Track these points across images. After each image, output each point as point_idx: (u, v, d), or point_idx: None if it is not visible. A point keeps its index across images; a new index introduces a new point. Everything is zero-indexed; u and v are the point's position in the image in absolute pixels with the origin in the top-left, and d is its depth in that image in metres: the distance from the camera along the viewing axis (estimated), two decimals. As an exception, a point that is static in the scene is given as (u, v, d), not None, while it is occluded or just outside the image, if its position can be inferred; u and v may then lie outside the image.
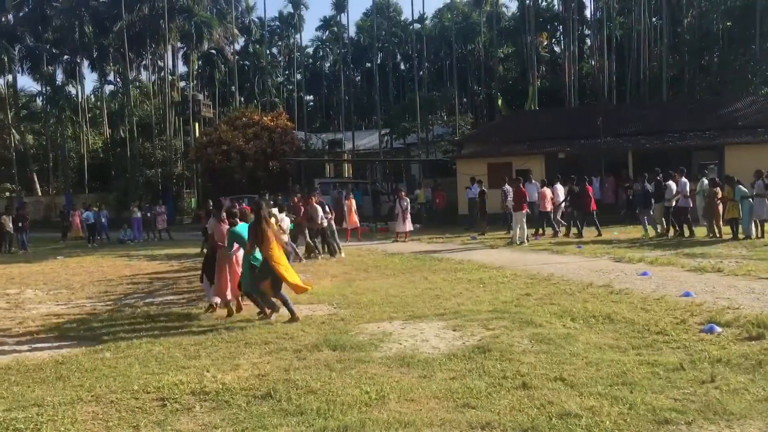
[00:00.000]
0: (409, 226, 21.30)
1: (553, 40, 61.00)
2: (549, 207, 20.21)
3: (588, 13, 55.29)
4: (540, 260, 14.18)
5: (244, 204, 15.67)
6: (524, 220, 18.25)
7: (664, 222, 18.41)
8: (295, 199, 17.69)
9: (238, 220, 9.18)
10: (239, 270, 9.26)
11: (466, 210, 25.79)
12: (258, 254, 8.77)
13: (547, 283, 10.74)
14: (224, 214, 9.47)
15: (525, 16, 48.53)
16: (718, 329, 6.90)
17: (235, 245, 9.07)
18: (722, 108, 31.25)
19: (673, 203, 17.94)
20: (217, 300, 9.34)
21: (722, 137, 26.81)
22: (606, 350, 6.36)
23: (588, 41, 57.37)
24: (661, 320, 7.50)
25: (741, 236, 16.19)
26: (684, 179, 18.17)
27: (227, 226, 9.25)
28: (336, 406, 5.00)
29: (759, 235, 16.21)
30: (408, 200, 21.99)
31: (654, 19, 48.51)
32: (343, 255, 16.58)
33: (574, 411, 4.64)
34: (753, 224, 16.42)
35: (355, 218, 21.61)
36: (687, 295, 8.97)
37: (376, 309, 9.14)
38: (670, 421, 4.45)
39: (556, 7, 57.50)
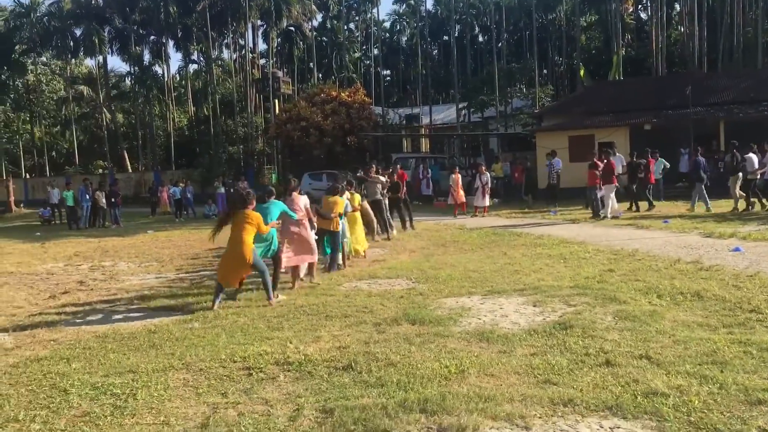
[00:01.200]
0: (487, 200, 21.11)
1: (639, 6, 58.55)
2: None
3: (677, -24, 52.73)
4: (624, 235, 13.78)
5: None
6: (613, 194, 17.72)
7: (740, 195, 17.67)
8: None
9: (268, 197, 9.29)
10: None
11: (545, 184, 25.27)
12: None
13: (631, 259, 10.44)
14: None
15: (609, -19, 46.69)
16: (818, 308, 6.54)
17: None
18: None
19: (758, 176, 17.37)
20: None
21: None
22: (695, 328, 6.14)
23: (677, 6, 54.69)
24: (755, 298, 7.16)
25: None
26: (751, 154, 17.53)
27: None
28: (416, 379, 5.04)
29: None
30: (488, 175, 21.73)
31: (750, -19, 45.78)
32: (395, 233, 15.78)
33: (660, 390, 4.51)
34: None
35: (462, 193, 21.45)
36: (783, 272, 8.54)
37: (455, 284, 9.12)
38: (763, 401, 4.26)
39: (643, -29, 55.07)
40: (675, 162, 24.97)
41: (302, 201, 9.79)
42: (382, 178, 15.90)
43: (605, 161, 18.02)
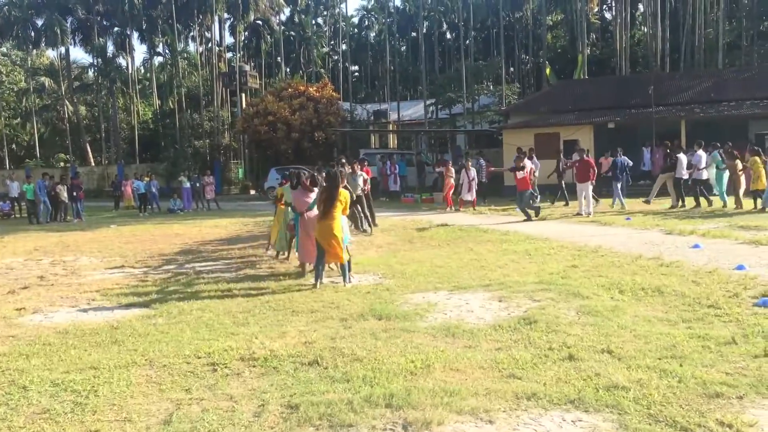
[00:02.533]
0: (472, 195, 21.19)
1: (604, 6, 59.32)
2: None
3: (641, -23, 53.55)
4: (587, 232, 13.98)
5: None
6: (590, 190, 17.70)
7: (675, 194, 18.63)
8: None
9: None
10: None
11: (512, 181, 25.39)
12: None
13: (594, 255, 10.60)
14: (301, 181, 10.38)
15: (575, -19, 47.22)
16: (773, 303, 6.72)
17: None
18: (781, 76, 30.05)
19: (685, 175, 18.24)
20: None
21: (781, 106, 25.86)
22: (655, 323, 6.27)
23: (641, 7, 55.54)
24: (713, 293, 7.34)
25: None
26: (700, 152, 18.21)
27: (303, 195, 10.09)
28: (382, 374, 5.05)
29: None
30: (474, 170, 21.65)
31: (711, -16, 46.69)
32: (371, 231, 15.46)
33: (621, 383, 4.59)
34: None
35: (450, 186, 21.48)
36: (740, 268, 8.73)
37: (422, 279, 9.17)
38: (720, 395, 4.37)
39: (608, -29, 55.80)
40: (637, 160, 25.39)
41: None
42: (366, 175, 15.92)
43: (581, 158, 18.05)
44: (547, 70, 43.39)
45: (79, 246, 15.44)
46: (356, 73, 73.58)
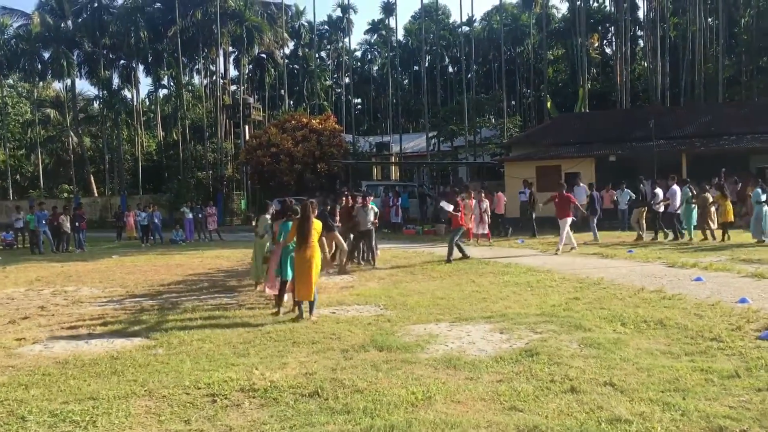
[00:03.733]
0: (485, 228, 20.72)
1: (605, 41, 60.12)
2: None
3: (641, 13, 54.29)
4: (589, 264, 13.96)
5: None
6: (568, 227, 16.88)
7: (644, 225, 19.26)
8: (349, 200, 16.47)
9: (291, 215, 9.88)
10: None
11: (516, 213, 25.44)
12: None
13: (596, 288, 10.57)
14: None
15: (575, 17, 47.90)
16: (776, 336, 6.69)
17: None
18: (781, 110, 30.24)
19: (661, 208, 18.87)
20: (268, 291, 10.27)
21: (781, 140, 25.97)
22: (658, 356, 6.23)
23: (641, 42, 56.29)
24: (716, 326, 7.31)
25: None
26: (675, 186, 18.96)
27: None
28: (382, 405, 5.02)
29: None
30: (488, 202, 21.10)
31: (710, 20, 47.30)
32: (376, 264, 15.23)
33: (624, 416, 4.56)
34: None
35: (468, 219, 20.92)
36: (743, 301, 8.71)
37: (423, 311, 9.14)
38: (724, 428, 4.34)
39: (608, 8, 56.59)
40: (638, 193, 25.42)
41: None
42: (375, 208, 15.67)
43: (559, 193, 17.33)
44: (549, 104, 43.78)
45: (81, 276, 15.43)
46: (359, 106, 74.27)
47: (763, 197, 16.90)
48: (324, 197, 17.89)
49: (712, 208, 17.89)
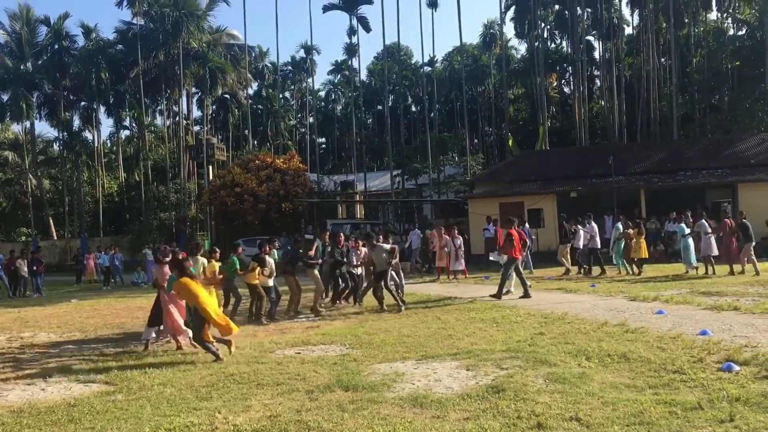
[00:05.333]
0: (462, 264, 20.70)
1: (563, 80, 61.57)
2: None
3: (597, 54, 55.86)
4: (554, 299, 14.07)
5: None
6: (513, 267, 15.14)
7: (569, 261, 20.18)
8: (351, 241, 15.86)
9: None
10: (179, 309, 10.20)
11: (480, 250, 25.57)
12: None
13: (561, 322, 10.64)
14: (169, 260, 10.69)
15: (534, 58, 49.07)
16: (737, 368, 6.79)
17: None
18: (734, 146, 31.25)
19: (581, 244, 19.85)
20: (152, 337, 10.39)
21: (735, 175, 26.75)
22: (622, 389, 6.27)
23: (597, 82, 57.78)
24: (678, 359, 7.39)
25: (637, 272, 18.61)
26: (592, 223, 20.06)
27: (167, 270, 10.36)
28: (348, 447, 4.94)
29: (710, 272, 17.81)
30: (461, 238, 21.16)
31: (663, 60, 48.90)
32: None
33: (590, 451, 4.55)
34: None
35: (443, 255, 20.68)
36: (704, 333, 8.85)
37: (389, 349, 9.08)
38: (689, 461, 4.35)
39: (565, 48, 58.16)
40: (600, 228, 25.84)
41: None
42: (386, 246, 14.09)
43: (507, 230, 16.00)
44: (510, 142, 44.51)
45: (38, 321, 15.01)
46: (323, 145, 74.60)
47: (687, 231, 18.48)
48: (292, 235, 17.94)
49: (634, 242, 18.87)
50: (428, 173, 45.69)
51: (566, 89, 61.95)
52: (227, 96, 58.85)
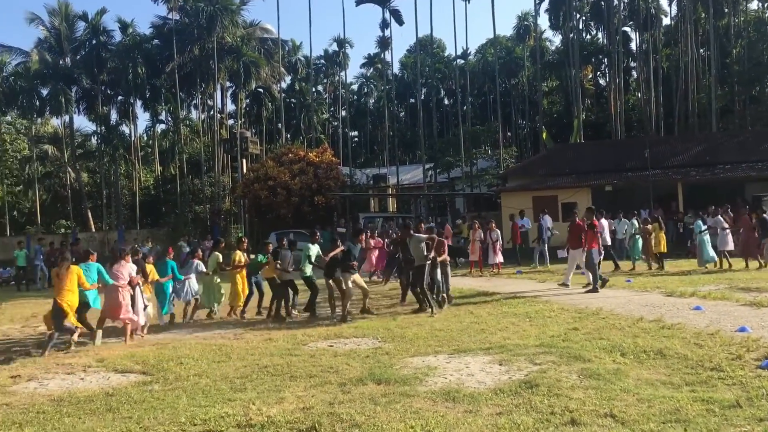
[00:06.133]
0: (500, 257, 20.69)
1: (598, 73, 60.73)
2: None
3: (633, 45, 54.99)
4: (588, 294, 13.91)
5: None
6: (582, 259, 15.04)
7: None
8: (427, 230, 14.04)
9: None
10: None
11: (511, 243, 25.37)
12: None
13: (595, 318, 10.52)
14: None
15: (569, 49, 48.49)
16: (777, 365, 6.64)
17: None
18: (775, 139, 30.50)
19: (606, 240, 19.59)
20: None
21: (776, 168, 26.15)
22: (658, 386, 6.18)
23: (634, 74, 56.91)
24: (716, 356, 7.26)
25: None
26: (603, 220, 19.31)
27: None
28: (381, 440, 4.96)
29: (726, 267, 17.98)
30: (498, 232, 21.11)
31: (702, 51, 47.92)
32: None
33: (625, 448, 4.51)
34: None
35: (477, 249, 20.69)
36: (743, 330, 8.67)
37: (421, 343, 9.08)
38: (726, 460, 4.28)
39: (601, 40, 57.33)
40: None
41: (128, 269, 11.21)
42: (423, 236, 12.67)
43: (572, 221, 15.71)
44: (544, 135, 44.05)
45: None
46: (356, 139, 74.70)
47: (704, 227, 18.53)
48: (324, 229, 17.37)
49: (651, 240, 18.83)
50: (461, 166, 45.50)
51: (602, 81, 61.12)
52: (261, 90, 59.22)
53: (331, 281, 12.58)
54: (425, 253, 12.29)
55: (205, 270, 13.44)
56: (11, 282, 26.92)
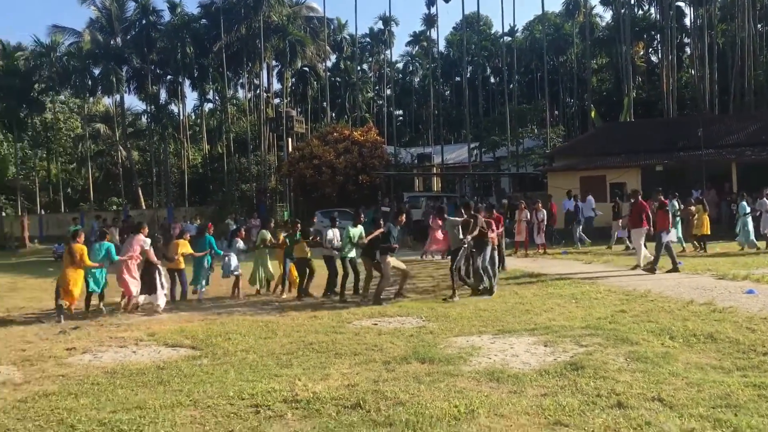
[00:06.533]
0: (542, 238, 20.57)
1: (650, 49, 59.11)
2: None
3: (687, 21, 53.30)
4: (636, 276, 13.68)
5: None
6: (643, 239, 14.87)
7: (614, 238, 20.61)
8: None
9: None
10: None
11: (560, 224, 25.05)
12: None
13: (643, 300, 10.35)
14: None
15: (620, 25, 47.27)
16: (834, 352, 6.44)
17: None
18: (836, 117, 29.30)
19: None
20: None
21: (837, 148, 25.15)
22: (708, 371, 6.06)
23: (688, 50, 55.23)
24: (769, 341, 7.08)
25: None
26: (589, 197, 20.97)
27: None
28: (425, 418, 4.99)
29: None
30: (544, 212, 20.90)
31: (759, 26, 46.16)
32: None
33: (673, 433, 4.44)
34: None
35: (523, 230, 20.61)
36: (798, 315, 8.43)
37: (465, 323, 9.08)
38: (779, 447, 4.19)
39: (653, 15, 55.72)
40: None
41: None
42: (458, 219, 12.09)
43: (635, 200, 15.19)
44: (593, 113, 43.16)
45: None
46: (400, 117, 74.40)
47: (748, 209, 18.15)
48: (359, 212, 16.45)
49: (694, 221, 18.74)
50: (506, 146, 44.98)
51: (653, 58, 59.50)
52: (306, 69, 59.42)
53: (369, 262, 12.32)
54: (460, 237, 11.81)
55: (244, 248, 13.92)
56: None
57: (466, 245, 11.90)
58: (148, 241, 12.02)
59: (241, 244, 13.91)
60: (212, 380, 6.47)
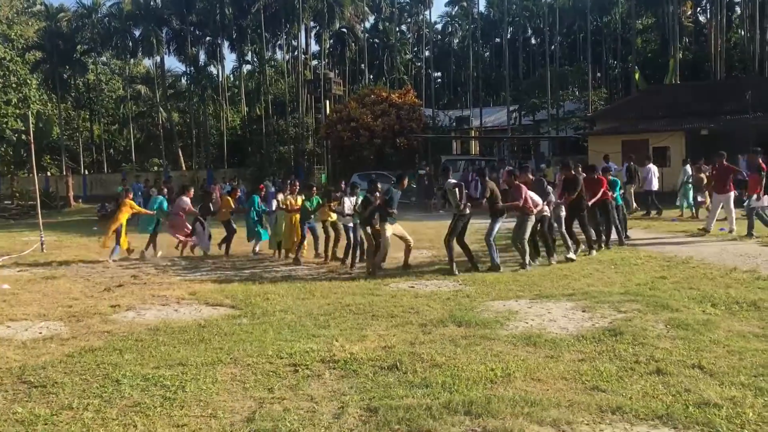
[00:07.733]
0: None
1: (698, 9, 57.06)
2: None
3: (739, -22, 51.24)
4: (677, 242, 13.44)
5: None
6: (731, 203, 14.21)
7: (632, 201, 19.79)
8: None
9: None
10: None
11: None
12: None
13: (684, 267, 10.17)
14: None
15: (667, -16, 45.66)
16: None
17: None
18: None
19: (655, 187, 20.27)
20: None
21: None
22: (750, 339, 5.95)
23: (738, 9, 53.17)
24: (816, 310, 6.91)
25: None
26: (650, 165, 20.49)
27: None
28: (461, 381, 5.02)
29: None
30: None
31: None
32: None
33: (713, 400, 4.39)
34: None
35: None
36: None
37: (502, 287, 9.05)
38: (823, 418, 4.11)
39: (703, -27, 53.72)
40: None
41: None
42: (452, 181, 11.44)
43: (719, 164, 14.58)
44: (636, 75, 42.03)
45: (170, 246, 16.02)
46: (439, 80, 73.59)
47: None
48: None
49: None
50: (547, 109, 44.26)
51: (701, 18, 57.43)
52: (344, 30, 58.96)
53: (367, 229, 11.13)
54: (459, 201, 10.78)
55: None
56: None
57: (467, 212, 10.95)
58: (188, 200, 14.29)
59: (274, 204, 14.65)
60: (251, 339, 6.59)
